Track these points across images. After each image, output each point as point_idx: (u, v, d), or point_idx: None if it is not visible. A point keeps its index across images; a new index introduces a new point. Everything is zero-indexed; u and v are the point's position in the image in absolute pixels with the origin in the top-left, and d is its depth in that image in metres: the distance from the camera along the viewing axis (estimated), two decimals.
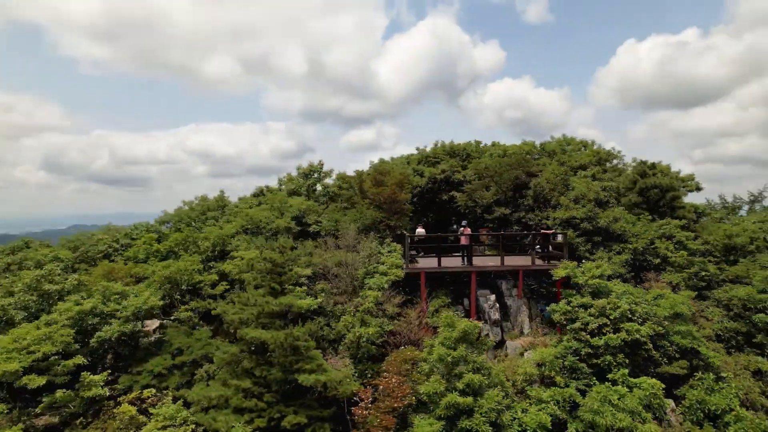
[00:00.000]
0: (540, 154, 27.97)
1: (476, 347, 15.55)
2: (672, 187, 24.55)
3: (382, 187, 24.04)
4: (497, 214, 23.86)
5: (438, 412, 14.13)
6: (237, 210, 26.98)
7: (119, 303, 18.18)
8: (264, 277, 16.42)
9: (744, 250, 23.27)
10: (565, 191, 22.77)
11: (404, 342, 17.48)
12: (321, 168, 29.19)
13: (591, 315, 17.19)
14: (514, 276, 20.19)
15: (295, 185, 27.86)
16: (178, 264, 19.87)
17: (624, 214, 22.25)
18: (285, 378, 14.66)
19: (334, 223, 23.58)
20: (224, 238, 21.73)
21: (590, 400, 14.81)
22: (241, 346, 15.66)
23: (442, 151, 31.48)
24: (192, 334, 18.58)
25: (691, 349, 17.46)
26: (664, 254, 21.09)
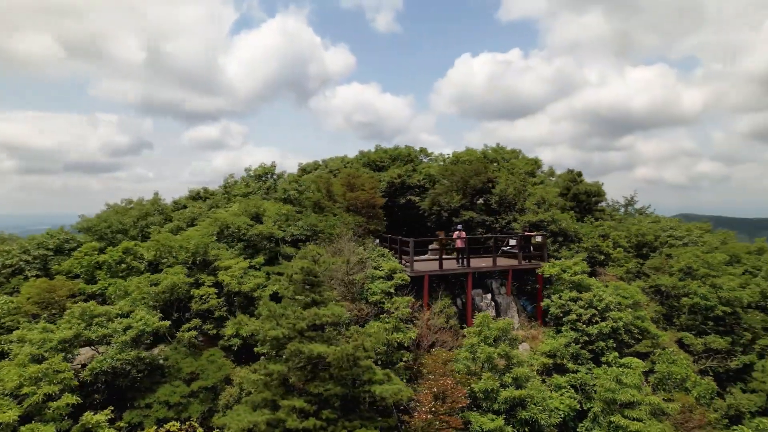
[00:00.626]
0: (484, 161, 30.31)
1: (512, 344, 16.76)
2: (597, 193, 28.72)
3: (359, 192, 23.98)
4: (466, 218, 25.41)
5: (495, 407, 15.01)
6: (187, 215, 24.46)
7: (105, 327, 15.58)
8: (302, 288, 15.52)
9: (651, 245, 28.27)
10: (526, 196, 25.21)
11: (426, 344, 17.94)
12: (274, 169, 27.81)
13: (581, 307, 19.59)
14: (501, 275, 21.89)
15: (252, 188, 26.11)
16: (172, 278, 17.55)
17: (571, 216, 25.47)
18: (346, 393, 14.16)
19: (311, 229, 22.91)
20: (206, 246, 19.70)
21: (604, 381, 16.99)
22: (288, 363, 14.64)
23: (385, 155, 32.18)
24: (200, 356, 16.68)
25: (646, 330, 20.91)
26: (606, 251, 24.71)
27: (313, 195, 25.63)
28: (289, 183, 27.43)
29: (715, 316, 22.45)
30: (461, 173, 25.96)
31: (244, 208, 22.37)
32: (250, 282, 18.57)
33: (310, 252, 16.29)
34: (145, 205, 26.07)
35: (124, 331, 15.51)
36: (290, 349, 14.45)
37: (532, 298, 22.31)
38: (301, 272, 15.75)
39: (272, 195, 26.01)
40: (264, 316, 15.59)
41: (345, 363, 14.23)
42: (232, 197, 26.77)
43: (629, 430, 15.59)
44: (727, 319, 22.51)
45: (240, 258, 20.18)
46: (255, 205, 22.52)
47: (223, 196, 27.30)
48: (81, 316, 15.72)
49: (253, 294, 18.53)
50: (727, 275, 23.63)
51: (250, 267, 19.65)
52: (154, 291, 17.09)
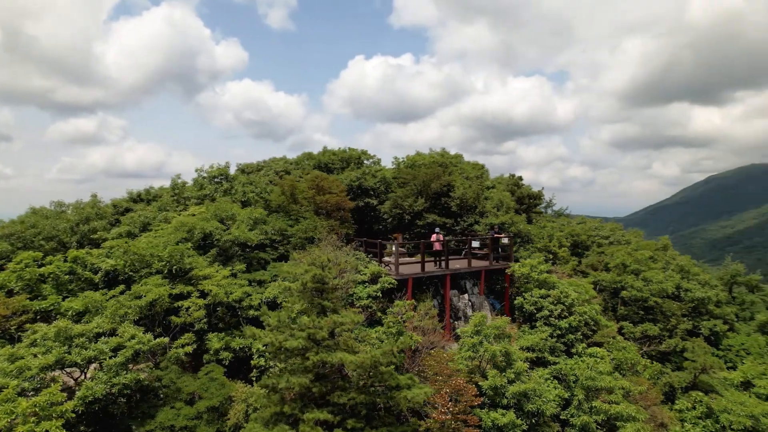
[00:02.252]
0: (438, 166, 31.29)
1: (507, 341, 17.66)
2: (537, 196, 31.12)
3: (329, 195, 23.58)
4: (429, 220, 26.11)
5: (504, 402, 15.78)
6: (138, 219, 22.25)
7: (88, 349, 13.80)
8: (312, 296, 14.99)
9: (584, 245, 31.26)
10: (484, 200, 26.56)
11: (424, 346, 18.22)
12: (228, 170, 26.24)
13: (551, 303, 21.19)
14: (473, 276, 22.86)
15: (208, 190, 24.38)
16: (157, 290, 15.90)
17: (523, 219, 27.35)
18: (371, 401, 13.96)
19: (280, 233, 22.15)
20: (181, 254, 18.12)
21: (584, 370, 18.58)
22: (308, 375, 14.04)
23: (335, 157, 31.89)
24: (195, 373, 15.36)
25: (599, 322, 23.19)
26: (554, 251, 26.92)
27: (277, 198, 24.69)
28: (243, 185, 26.16)
29: (647, 306, 25.52)
30: (422, 177, 26.61)
31: (213, 212, 20.93)
32: (236, 291, 17.51)
33: (319, 258, 15.85)
34: (84, 208, 23.21)
35: (113, 352, 13.85)
36: (313, 360, 13.98)
37: (499, 296, 23.62)
38: (312, 280, 15.30)
39: (230, 198, 24.58)
40: (273, 326, 14.89)
41: (371, 370, 14.11)
42: (183, 200, 24.82)
43: (611, 412, 17.27)
44: (655, 308, 25.69)
45: (217, 266, 18.93)
46: (224, 209, 21.17)
47: (171, 199, 25.17)
48: (57, 337, 13.74)
49: (242, 304, 17.51)
50: (653, 270, 26.96)
51: (231, 275, 18.53)
52: (138, 305, 15.39)
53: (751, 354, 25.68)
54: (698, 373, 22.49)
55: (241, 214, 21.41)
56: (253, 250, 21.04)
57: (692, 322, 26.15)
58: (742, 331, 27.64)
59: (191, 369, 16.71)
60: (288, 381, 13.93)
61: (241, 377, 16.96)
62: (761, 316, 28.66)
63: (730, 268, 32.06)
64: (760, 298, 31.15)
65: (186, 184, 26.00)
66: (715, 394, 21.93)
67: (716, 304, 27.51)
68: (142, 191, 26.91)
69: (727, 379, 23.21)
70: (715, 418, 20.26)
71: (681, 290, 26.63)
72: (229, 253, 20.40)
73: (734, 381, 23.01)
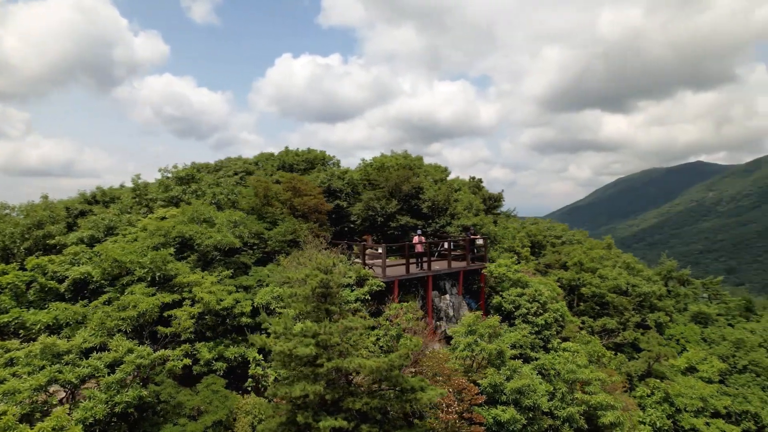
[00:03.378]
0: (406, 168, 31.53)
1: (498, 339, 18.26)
2: (498, 198, 32.36)
3: (306, 197, 23.14)
4: (402, 222, 26.33)
5: (503, 398, 16.33)
6: (102, 222, 20.60)
7: (80, 366, 12.68)
8: (318, 301, 14.66)
9: (541, 244, 32.89)
10: (453, 202, 27.22)
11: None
12: (195, 171, 24.93)
13: (527, 301, 22.17)
14: (452, 277, 23.37)
15: (176, 192, 22.99)
16: (148, 299, 14.82)
17: (490, 221, 28.35)
18: (383, 405, 13.89)
19: (257, 236, 21.47)
20: (164, 260, 17.01)
21: (565, 364, 19.62)
22: (320, 382, 13.71)
23: (299, 158, 31.29)
24: (193, 387, 14.51)
25: (564, 317, 24.59)
26: (518, 251, 28.16)
27: (250, 200, 23.83)
28: (210, 186, 25.02)
29: (603, 302, 27.42)
30: (394, 179, 26.81)
31: (191, 215, 19.84)
32: (226, 298, 16.75)
33: (325, 262, 15.55)
34: (37, 211, 21.10)
35: (109, 368, 12.80)
36: (327, 367, 13.72)
37: (474, 296, 24.32)
38: (320, 284, 14.98)
39: (200, 200, 23.38)
40: (279, 333, 14.46)
41: (385, 374, 14.06)
42: (147, 201, 23.27)
43: (591, 402, 18.42)
44: (610, 303, 27.66)
45: (201, 272, 18.01)
46: (201, 211, 20.14)
47: (133, 201, 23.50)
48: (43, 354, 12.49)
49: (234, 311, 16.78)
50: (606, 268, 29.00)
51: (218, 281, 17.70)
52: (130, 315, 14.29)
53: (690, 342, 28.34)
54: (652, 362, 24.49)
55: (220, 217, 20.47)
56: (233, 255, 20.19)
57: (640, 315, 28.42)
58: (679, 322, 30.43)
59: (179, 381, 15.79)
60: (304, 389, 13.59)
61: (233, 387, 16.27)
62: (694, 307, 31.72)
63: (666, 265, 35.17)
64: (691, 290, 34.46)
65: (148, 185, 24.37)
66: (667, 380, 23.99)
67: (658, 297, 30.07)
68: (96, 192, 24.85)
69: (674, 366, 25.47)
70: (671, 402, 22.18)
71: (629, 286, 28.84)
72: (208, 257, 19.47)
73: (680, 367, 25.30)
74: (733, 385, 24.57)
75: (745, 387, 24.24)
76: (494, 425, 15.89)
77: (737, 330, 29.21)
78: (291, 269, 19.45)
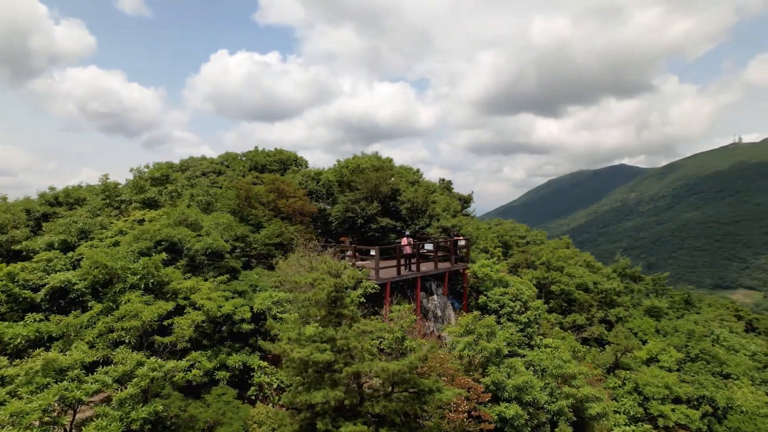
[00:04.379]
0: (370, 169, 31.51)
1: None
2: (467, 199, 33.16)
3: (291, 199, 22.66)
4: (383, 224, 26.36)
5: (505, 395, 16.79)
6: (74, 225, 19.16)
7: (88, 382, 11.78)
8: (329, 306, 14.41)
9: (508, 244, 34.03)
10: (432, 203, 27.61)
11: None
12: (170, 170, 23.69)
13: (510, 300, 22.91)
14: (437, 278, 23.68)
15: (152, 193, 21.72)
16: (152, 308, 13.93)
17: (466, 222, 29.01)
18: (401, 407, 13.86)
19: (242, 239, 20.83)
20: (156, 266, 16.07)
21: (553, 360, 20.44)
22: (339, 388, 13.46)
23: (271, 158, 30.56)
24: (203, 399, 13.81)
25: (540, 315, 25.62)
26: (491, 251, 29.02)
27: (230, 202, 22.99)
28: (184, 188, 23.93)
29: (571, 299, 28.81)
30: (374, 181, 26.80)
31: (177, 218, 18.87)
32: (226, 305, 16.11)
33: (335, 266, 15.35)
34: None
35: (119, 382, 11.97)
36: (347, 372, 13.56)
37: (456, 296, 24.80)
38: (333, 289, 14.74)
39: (175, 201, 22.29)
40: (293, 339, 14.13)
41: (405, 375, 14.05)
42: (119, 203, 21.84)
43: (578, 395, 19.34)
44: (577, 300, 29.11)
45: (195, 277, 17.21)
46: (188, 214, 19.21)
47: (102, 202, 21.96)
48: (45, 370, 11.47)
49: (234, 317, 16.15)
50: (572, 266, 30.49)
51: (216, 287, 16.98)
52: (134, 325, 13.39)
53: (647, 335, 30.38)
54: (620, 355, 26.05)
55: (206, 220, 19.62)
56: (221, 259, 19.42)
57: (603, 311, 30.14)
58: (635, 316, 32.53)
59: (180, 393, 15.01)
60: (326, 395, 13.35)
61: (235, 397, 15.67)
62: (647, 302, 34.04)
63: (621, 263, 37.49)
64: (643, 286, 36.95)
65: (118, 185, 22.86)
66: (633, 371, 25.60)
67: (617, 294, 32.01)
68: (59, 193, 22.95)
69: (637, 357, 27.22)
70: (640, 391, 23.70)
71: (593, 283, 30.49)
72: (195, 262, 18.62)
73: (642, 358, 27.07)
74: (688, 372, 26.62)
75: (699, 374, 26.34)
76: (498, 422, 16.32)
77: (687, 322, 31.69)
78: (286, 272, 19.02)
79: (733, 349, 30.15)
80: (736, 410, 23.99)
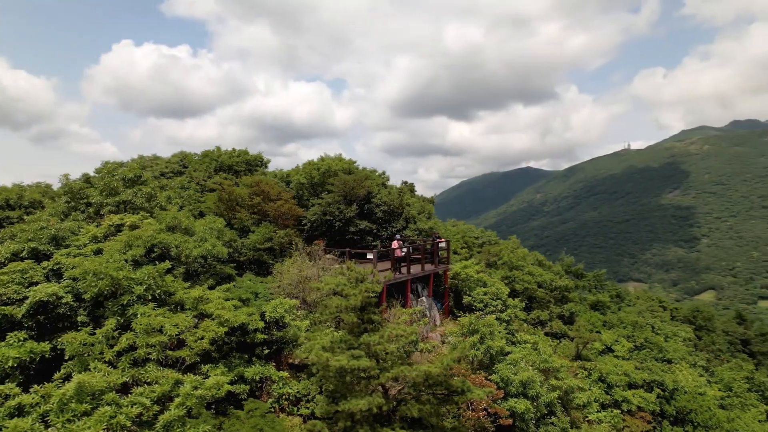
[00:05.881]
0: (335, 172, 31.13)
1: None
2: (431, 201, 33.90)
3: (279, 201, 21.92)
4: (362, 226, 26.24)
5: (512, 390, 17.52)
6: (43, 232, 17.19)
7: (118, 405, 10.77)
8: (359, 312, 14.23)
9: (469, 245, 35.20)
10: (406, 206, 27.95)
11: None
12: (141, 171, 21.85)
13: (491, 299, 23.84)
14: (423, 280, 24.02)
15: (127, 195, 19.90)
16: (171, 320, 12.86)
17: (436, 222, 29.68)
18: (435, 410, 13.98)
19: (229, 244, 19.93)
20: (161, 275, 14.89)
21: (536, 355, 21.55)
22: (379, 393, 13.30)
23: (238, 159, 29.26)
24: (234, 415, 13.01)
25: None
26: (459, 252, 29.93)
27: (210, 205, 21.77)
28: (154, 189, 22.31)
29: (532, 296, 30.48)
30: (351, 183, 26.62)
31: (168, 223, 17.57)
32: (240, 315, 15.32)
33: (361, 273, 15.17)
34: None
35: (158, 404, 11.03)
36: (386, 377, 13.51)
37: (438, 297, 25.33)
38: (366, 295, 14.54)
39: (152, 203, 20.69)
40: (326, 348, 13.83)
41: (440, 379, 14.19)
42: (87, 206, 19.84)
43: (563, 387, 20.64)
44: (537, 297, 30.86)
45: (197, 286, 16.18)
46: (180, 218, 17.97)
47: (67, 206, 19.82)
48: (79, 396, 10.30)
49: (248, 327, 15.40)
50: (530, 266, 32.26)
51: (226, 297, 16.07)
52: (161, 341, 12.34)
53: (596, 327, 32.88)
54: (581, 347, 28.01)
55: (198, 225, 18.47)
56: (217, 266, 18.39)
57: (559, 307, 32.21)
58: (582, 311, 35.09)
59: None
60: (370, 402, 13.21)
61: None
62: (591, 297, 36.84)
63: (566, 261, 40.22)
64: (586, 282, 39.93)
65: (84, 187, 20.69)
66: (592, 361, 27.64)
67: (567, 290, 34.33)
68: (10, 196, 20.30)
69: (593, 348, 29.42)
70: (604, 380, 25.67)
71: (549, 281, 32.51)
72: (190, 269, 17.49)
73: (598, 349, 29.32)
74: (636, 360, 29.26)
75: (647, 361, 29.06)
76: (508, 417, 17.00)
77: (629, 314, 34.78)
78: (290, 277, 18.43)
79: (668, 336, 33.61)
80: (680, 391, 26.78)
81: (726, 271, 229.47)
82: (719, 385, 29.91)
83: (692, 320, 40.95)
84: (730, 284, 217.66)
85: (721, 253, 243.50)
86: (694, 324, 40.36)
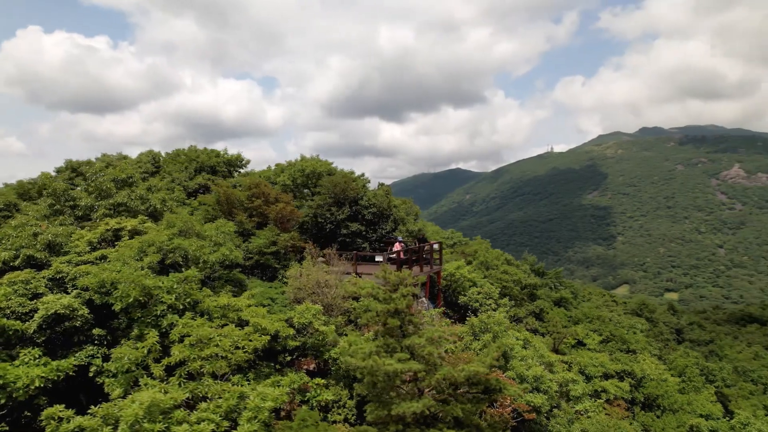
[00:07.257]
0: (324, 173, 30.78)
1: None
2: (408, 203, 34.24)
3: (280, 204, 21.31)
4: (353, 228, 26.01)
5: (526, 385, 18.21)
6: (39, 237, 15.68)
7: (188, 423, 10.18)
8: (399, 317, 14.22)
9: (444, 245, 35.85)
10: (393, 208, 28.08)
11: None
12: (133, 171, 20.37)
13: (484, 298, 24.55)
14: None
15: (123, 198, 18.47)
16: (224, 330, 12.17)
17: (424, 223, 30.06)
18: (476, 409, 14.24)
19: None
20: (191, 285, 14.06)
21: (535, 351, 22.48)
22: (427, 395, 13.34)
23: (218, 159, 28.05)
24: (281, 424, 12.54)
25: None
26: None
27: (209, 208, 20.76)
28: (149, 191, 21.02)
29: (509, 294, 31.68)
30: (341, 185, 26.36)
31: (180, 227, 16.58)
32: (275, 322, 14.82)
33: (399, 277, 15.16)
34: None
35: (228, 419, 10.48)
36: (436, 378, 13.64)
37: (431, 298, 25.68)
38: (406, 299, 14.52)
39: (145, 205, 19.41)
40: (373, 352, 13.75)
41: (481, 378, 14.45)
42: (75, 209, 18.23)
43: (560, 380, 21.73)
44: (513, 295, 32.08)
45: (222, 293, 15.45)
46: (191, 223, 17.02)
47: (50, 209, 18.09)
48: (150, 415, 9.58)
49: (280, 334, 14.92)
50: (504, 265, 33.47)
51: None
52: (209, 354, 11.67)
53: (562, 321, 34.74)
54: (558, 342, 29.52)
55: (208, 228, 17.58)
56: (231, 271, 17.60)
57: (531, 304, 33.70)
58: (548, 307, 36.92)
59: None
60: (425, 404, 13.27)
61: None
62: (555, 294, 38.83)
63: (529, 259, 42.04)
64: (548, 280, 41.96)
65: (68, 189, 18.94)
66: (569, 354, 29.23)
67: (535, 288, 35.99)
68: None
69: (566, 342, 31.09)
70: (583, 372, 27.24)
71: (521, 280, 33.97)
72: (207, 276, 16.66)
73: (571, 343, 31.02)
74: (605, 352, 31.28)
75: (615, 352, 31.15)
76: (531, 411, 17.67)
77: (591, 309, 37.04)
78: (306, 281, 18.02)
79: (628, 329, 36.16)
80: (647, 379, 28.99)
81: (638, 267, 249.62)
82: (674, 372, 32.64)
83: (639, 313, 44.34)
84: (641, 278, 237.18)
85: (633, 250, 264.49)
86: (642, 316, 43.71)
